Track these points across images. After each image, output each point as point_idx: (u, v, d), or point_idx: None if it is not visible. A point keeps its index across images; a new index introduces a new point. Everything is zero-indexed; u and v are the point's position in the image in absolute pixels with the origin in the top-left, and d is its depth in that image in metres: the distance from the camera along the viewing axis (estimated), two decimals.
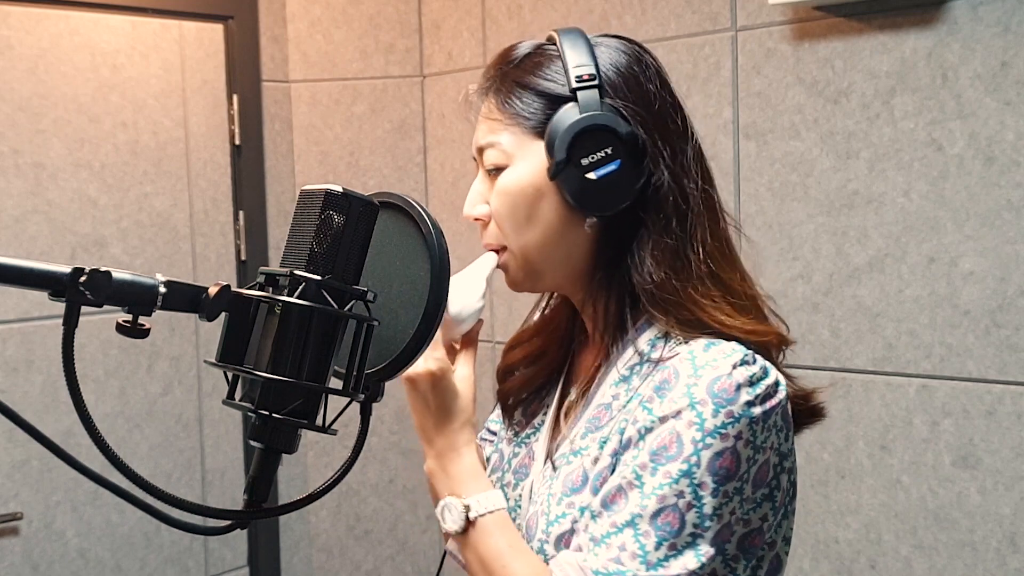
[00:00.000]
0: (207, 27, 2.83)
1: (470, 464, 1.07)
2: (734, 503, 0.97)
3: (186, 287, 0.76)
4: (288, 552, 3.04)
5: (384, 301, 0.93)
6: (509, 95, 1.09)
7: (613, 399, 1.07)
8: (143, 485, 0.74)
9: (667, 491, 0.96)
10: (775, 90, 2.23)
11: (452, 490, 1.07)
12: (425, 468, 1.10)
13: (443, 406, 1.07)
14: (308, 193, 0.80)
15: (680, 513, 0.95)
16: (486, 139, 1.11)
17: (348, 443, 2.82)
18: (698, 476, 0.96)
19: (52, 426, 2.45)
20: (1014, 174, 1.92)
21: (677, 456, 0.96)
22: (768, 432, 0.99)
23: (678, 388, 0.99)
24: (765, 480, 1.00)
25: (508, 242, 1.10)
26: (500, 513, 1.05)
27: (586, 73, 1.05)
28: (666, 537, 0.95)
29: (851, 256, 2.14)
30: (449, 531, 1.05)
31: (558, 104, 1.06)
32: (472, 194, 1.13)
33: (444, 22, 2.97)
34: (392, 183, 3.03)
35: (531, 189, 1.07)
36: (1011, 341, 1.94)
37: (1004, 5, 1.92)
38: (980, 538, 1.99)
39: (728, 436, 0.96)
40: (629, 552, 0.95)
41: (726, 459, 0.96)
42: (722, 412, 0.96)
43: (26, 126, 2.52)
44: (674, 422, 0.98)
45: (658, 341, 1.05)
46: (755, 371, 0.99)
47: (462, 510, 1.04)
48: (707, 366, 0.99)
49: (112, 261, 2.64)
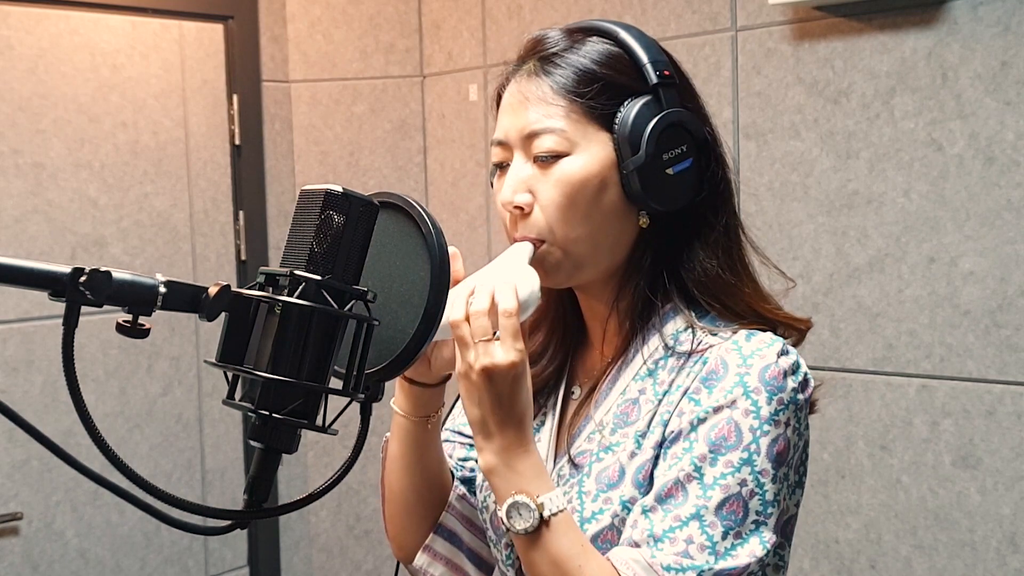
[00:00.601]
0: (207, 27, 2.83)
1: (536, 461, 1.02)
2: (784, 489, 1.00)
3: (186, 287, 0.76)
4: (288, 552, 3.04)
5: (384, 301, 0.93)
6: (572, 82, 1.06)
7: (640, 393, 1.06)
8: (143, 485, 0.74)
9: (730, 480, 0.97)
10: (775, 90, 2.23)
11: (520, 488, 1.00)
12: (482, 465, 1.02)
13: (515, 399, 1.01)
14: (308, 193, 0.80)
15: (744, 501, 0.97)
16: (541, 124, 1.05)
17: (348, 443, 2.82)
18: (759, 463, 0.98)
19: (52, 426, 2.45)
20: (1014, 174, 1.92)
21: (737, 445, 0.98)
22: (805, 420, 1.03)
23: (729, 378, 1.00)
24: (798, 466, 1.04)
25: (554, 234, 1.06)
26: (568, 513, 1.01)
27: (667, 70, 1.06)
28: (732, 526, 0.96)
29: (851, 256, 2.14)
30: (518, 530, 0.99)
31: (628, 96, 1.05)
32: (514, 180, 1.06)
33: (444, 22, 2.97)
34: (392, 183, 3.03)
35: (597, 180, 1.05)
36: (1011, 341, 1.94)
37: (1004, 5, 1.92)
38: (980, 538, 1.99)
39: (780, 423, 0.99)
40: (697, 544, 0.95)
41: (780, 445, 0.99)
42: (775, 400, 0.99)
43: (26, 126, 2.52)
44: (730, 411, 0.99)
45: (682, 334, 1.06)
46: (794, 360, 1.03)
47: (535, 509, 0.99)
48: (754, 355, 1.01)
49: (112, 261, 2.64)
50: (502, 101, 1.11)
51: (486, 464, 1.02)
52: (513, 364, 0.99)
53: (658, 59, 1.06)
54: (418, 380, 1.12)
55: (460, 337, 1.00)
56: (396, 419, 1.15)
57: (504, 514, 1.00)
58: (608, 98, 1.05)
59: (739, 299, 1.07)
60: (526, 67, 1.09)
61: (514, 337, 0.99)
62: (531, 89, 1.07)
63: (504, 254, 1.06)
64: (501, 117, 1.10)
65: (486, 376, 0.99)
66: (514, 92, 1.09)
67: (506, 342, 0.99)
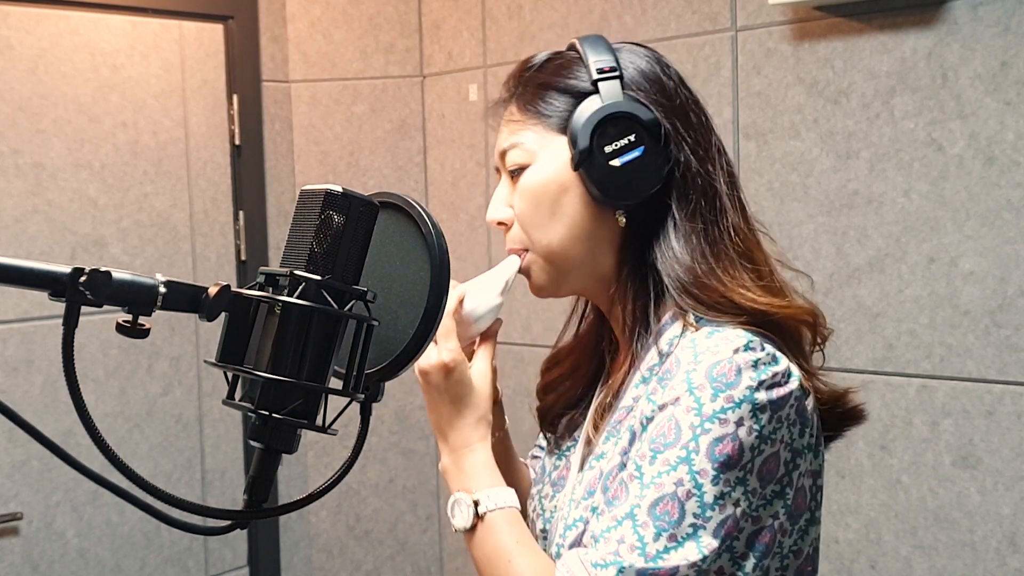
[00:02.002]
0: (207, 27, 2.83)
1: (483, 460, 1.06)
2: (737, 494, 0.94)
3: (186, 287, 0.76)
4: (288, 552, 3.04)
5: (384, 301, 0.92)
6: (531, 97, 1.09)
7: (634, 401, 1.05)
8: (143, 485, 0.74)
9: (665, 479, 0.94)
10: (775, 90, 2.23)
11: (463, 486, 1.05)
12: (440, 466, 1.09)
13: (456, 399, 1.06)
14: (308, 193, 0.80)
15: (679, 502, 0.93)
16: (508, 141, 1.10)
17: (348, 443, 2.82)
18: (697, 463, 0.93)
19: (52, 426, 2.45)
20: (1014, 174, 1.92)
21: (675, 443, 0.95)
22: (778, 424, 0.96)
23: (678, 375, 0.97)
24: (774, 475, 0.97)
25: (531, 242, 1.09)
26: (510, 510, 1.03)
27: (607, 66, 1.06)
28: (665, 528, 0.93)
29: (851, 256, 2.14)
30: (457, 527, 1.04)
31: (580, 99, 1.06)
32: (495, 199, 1.12)
33: (444, 22, 2.97)
34: (392, 183, 3.03)
35: (554, 184, 1.06)
36: (1011, 341, 1.94)
37: (1004, 5, 1.92)
38: (980, 538, 1.99)
39: (728, 421, 0.94)
40: (628, 544, 0.94)
41: (726, 445, 0.93)
42: (721, 396, 0.94)
43: (26, 126, 2.52)
44: (672, 409, 0.96)
45: (675, 339, 1.03)
46: (760, 356, 0.97)
47: (470, 505, 1.03)
48: (707, 352, 0.97)
49: (112, 261, 2.64)
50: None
51: (442, 465, 1.09)
52: (443, 364, 1.04)
53: (601, 57, 1.07)
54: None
55: None
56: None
57: (449, 512, 1.05)
58: (563, 104, 1.07)
59: (712, 290, 1.02)
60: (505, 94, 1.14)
61: (445, 338, 1.04)
62: (507, 112, 1.12)
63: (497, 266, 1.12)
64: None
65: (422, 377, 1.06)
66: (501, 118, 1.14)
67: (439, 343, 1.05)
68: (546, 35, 2.64)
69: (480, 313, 1.09)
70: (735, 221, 1.07)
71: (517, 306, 2.71)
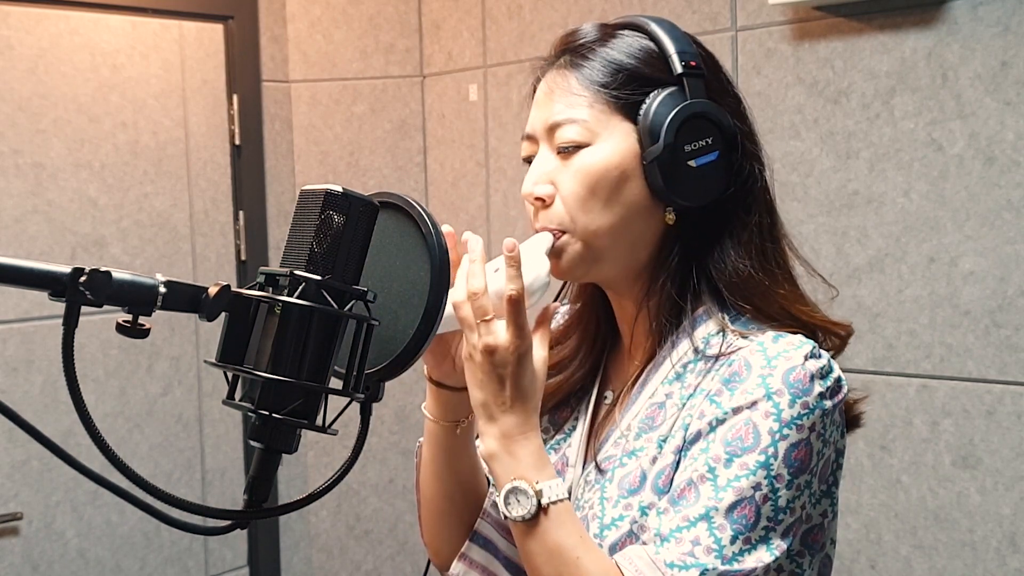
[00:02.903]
0: (207, 27, 2.83)
1: (537, 448, 1.00)
2: (804, 497, 0.96)
3: (186, 287, 0.76)
4: (288, 552, 3.04)
5: (384, 301, 0.92)
6: (596, 71, 1.04)
7: (667, 397, 1.04)
8: (143, 485, 0.74)
9: (744, 483, 0.94)
10: (775, 90, 2.23)
11: (519, 474, 0.98)
12: (483, 451, 1.01)
13: (520, 383, 0.98)
14: (308, 193, 0.80)
15: (756, 506, 0.94)
16: (564, 115, 1.04)
17: (348, 443, 2.82)
18: (775, 468, 0.94)
19: (52, 426, 2.45)
20: (1014, 174, 1.92)
21: (754, 447, 0.95)
22: (833, 427, 0.99)
23: (751, 379, 0.97)
24: (826, 476, 1.00)
25: (574, 225, 1.04)
26: (569, 503, 0.99)
27: (693, 61, 1.04)
28: (742, 531, 0.93)
29: (851, 256, 2.14)
30: (515, 517, 0.98)
31: (654, 87, 1.03)
32: (536, 172, 1.06)
33: (444, 22, 2.97)
34: (392, 183, 3.03)
35: (616, 171, 1.03)
36: (1011, 341, 1.94)
37: (1004, 5, 1.92)
38: (980, 538, 1.99)
39: (804, 427, 0.95)
40: (704, 546, 0.93)
41: (801, 451, 0.95)
42: (798, 403, 0.95)
43: (26, 126, 2.52)
44: (749, 413, 0.96)
45: (713, 338, 1.03)
46: (824, 364, 0.99)
47: (533, 496, 0.97)
48: (780, 356, 0.97)
49: (112, 261, 2.64)
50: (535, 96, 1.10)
51: (487, 449, 1.00)
52: (516, 345, 0.97)
53: (686, 50, 1.04)
54: (446, 383, 1.11)
55: (462, 319, 0.99)
56: (427, 424, 1.14)
57: (502, 500, 0.98)
58: (634, 89, 1.04)
59: (772, 301, 1.04)
60: (557, 62, 1.08)
61: (517, 318, 0.97)
62: (558, 82, 1.06)
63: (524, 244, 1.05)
64: (531, 111, 1.09)
65: (488, 356, 0.97)
66: (543, 86, 1.08)
67: (509, 322, 0.97)
68: (546, 35, 2.63)
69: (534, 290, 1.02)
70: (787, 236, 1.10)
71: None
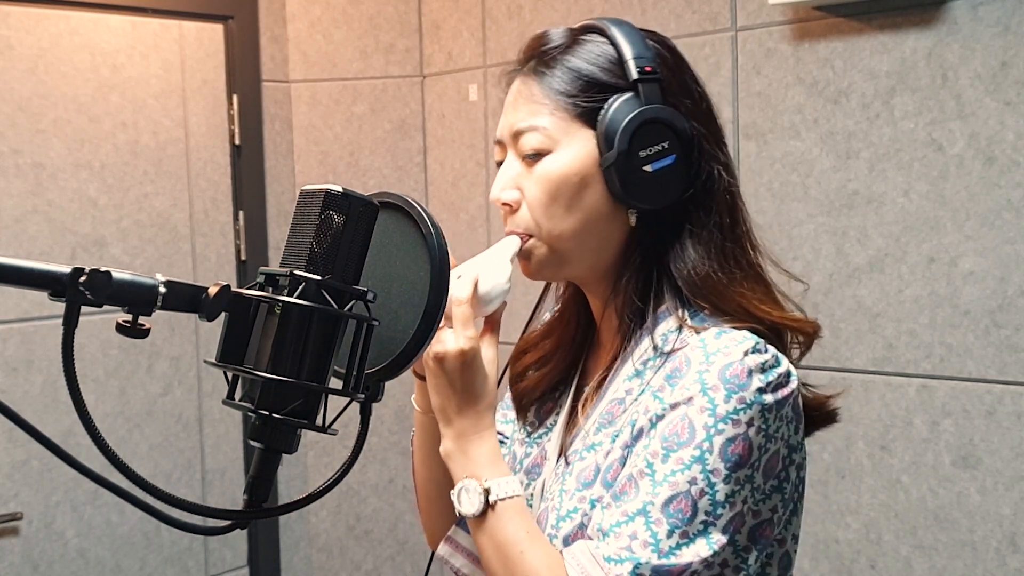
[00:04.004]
0: (207, 27, 2.83)
1: (490, 447, 1.05)
2: (745, 491, 0.97)
3: (186, 287, 0.76)
4: (288, 552, 3.04)
5: (384, 301, 0.93)
6: (557, 79, 1.07)
7: (627, 394, 1.06)
8: (143, 485, 0.74)
9: (679, 478, 0.95)
10: (775, 90, 2.23)
11: (471, 472, 1.04)
12: (441, 450, 1.07)
13: (470, 386, 1.04)
14: (308, 193, 0.80)
15: (692, 500, 0.95)
16: (527, 122, 1.07)
17: (348, 443, 2.82)
18: (711, 462, 0.95)
19: (52, 426, 2.45)
20: (1014, 174, 1.92)
21: (689, 442, 0.96)
22: (779, 422, 0.99)
23: (689, 375, 0.99)
24: (775, 471, 1.00)
25: (540, 229, 1.07)
26: (519, 499, 1.03)
27: (648, 66, 1.05)
28: (678, 525, 0.95)
29: (851, 256, 2.14)
30: (465, 514, 1.03)
31: (612, 93, 1.05)
32: (502, 178, 1.09)
33: (444, 22, 2.97)
34: (392, 183, 3.03)
35: (576, 177, 1.05)
36: (1011, 341, 1.94)
37: (1004, 5, 1.92)
38: (980, 538, 1.99)
39: (740, 422, 0.96)
40: (641, 540, 0.95)
41: (738, 445, 0.96)
42: (734, 398, 0.96)
43: (26, 126, 2.52)
44: (685, 408, 0.97)
45: (671, 334, 1.04)
46: (767, 359, 0.99)
47: (481, 492, 1.02)
48: (718, 352, 0.99)
49: (112, 261, 2.64)
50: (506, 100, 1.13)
51: (444, 449, 1.07)
52: (462, 351, 1.03)
53: (642, 55, 1.05)
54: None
55: None
56: (415, 414, 1.20)
57: (455, 497, 1.04)
58: (593, 96, 1.06)
59: (730, 299, 1.05)
60: (524, 68, 1.11)
61: (463, 325, 1.03)
62: (523, 89, 1.09)
63: (493, 247, 1.09)
64: (502, 116, 1.12)
65: (436, 363, 1.04)
66: (511, 92, 1.11)
67: (456, 330, 1.03)
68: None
69: (492, 297, 1.07)
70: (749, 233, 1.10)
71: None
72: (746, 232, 1.11)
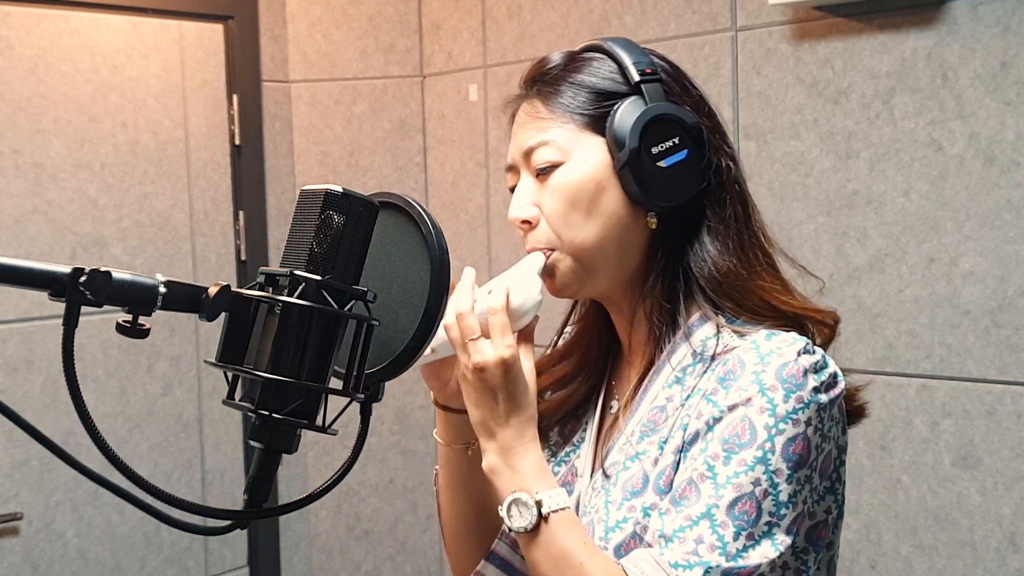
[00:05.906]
0: (207, 27, 2.83)
1: (536, 459, 1.03)
2: (805, 492, 0.97)
3: (186, 287, 0.76)
4: (288, 552, 3.04)
5: (384, 301, 0.92)
6: (559, 94, 1.08)
7: (668, 400, 1.06)
8: (143, 485, 0.74)
9: (743, 479, 0.95)
10: (775, 90, 2.23)
11: (520, 486, 1.01)
12: (484, 466, 1.04)
13: (513, 397, 1.02)
14: (308, 193, 0.80)
15: (757, 501, 0.95)
16: (536, 139, 1.08)
17: (348, 443, 2.82)
18: (773, 462, 0.95)
19: (52, 426, 2.45)
20: (1014, 174, 1.92)
21: (751, 443, 0.96)
22: (831, 422, 1.00)
23: (745, 376, 0.99)
24: (828, 472, 1.00)
25: (561, 241, 1.07)
26: (570, 511, 1.01)
27: (648, 68, 1.07)
28: (744, 527, 0.94)
29: (851, 256, 2.14)
30: (517, 528, 1.00)
31: (616, 99, 1.06)
32: (519, 197, 1.09)
33: (444, 22, 2.97)
34: (392, 183, 3.03)
35: (592, 183, 1.06)
36: (1011, 341, 1.94)
37: (1004, 5, 1.92)
38: (980, 538, 1.99)
39: (799, 422, 0.96)
40: (707, 544, 0.94)
41: (798, 445, 0.96)
42: (792, 397, 0.97)
43: (26, 126, 2.52)
44: (744, 409, 0.97)
45: (710, 340, 1.04)
46: (818, 359, 1.00)
47: (533, 506, 0.99)
48: (773, 353, 0.99)
49: (112, 261, 2.64)
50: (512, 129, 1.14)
51: (488, 464, 1.03)
52: (502, 360, 1.01)
53: (640, 60, 1.07)
54: (452, 406, 1.13)
55: (452, 340, 1.03)
56: (439, 449, 1.17)
57: (505, 512, 1.01)
58: (599, 104, 1.07)
59: (752, 294, 1.05)
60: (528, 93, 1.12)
61: (502, 334, 1.01)
62: (528, 110, 1.10)
63: (517, 264, 1.09)
64: (510, 144, 1.13)
65: (478, 374, 1.01)
66: (516, 119, 1.12)
67: (495, 339, 1.01)
68: (546, 35, 2.63)
69: (526, 309, 1.06)
70: (762, 225, 1.12)
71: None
72: (760, 224, 1.12)
